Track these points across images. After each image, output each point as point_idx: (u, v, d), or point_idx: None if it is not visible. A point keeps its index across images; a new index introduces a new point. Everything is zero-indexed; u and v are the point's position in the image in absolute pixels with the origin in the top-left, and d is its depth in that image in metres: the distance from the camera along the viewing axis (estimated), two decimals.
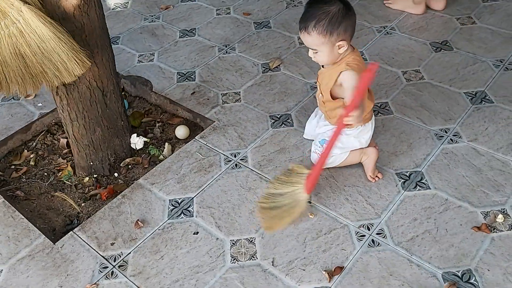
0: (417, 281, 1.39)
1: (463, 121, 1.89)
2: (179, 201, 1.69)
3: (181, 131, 2.02)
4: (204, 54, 2.40)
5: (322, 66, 1.61)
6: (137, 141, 1.97)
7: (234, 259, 1.49)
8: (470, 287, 1.37)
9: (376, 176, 1.69)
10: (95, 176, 1.87)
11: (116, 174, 1.89)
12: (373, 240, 1.51)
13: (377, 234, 1.53)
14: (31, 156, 1.98)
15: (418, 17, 2.51)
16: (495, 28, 2.38)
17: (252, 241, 1.54)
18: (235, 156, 1.84)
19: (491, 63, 2.16)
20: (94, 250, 1.54)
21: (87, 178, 1.86)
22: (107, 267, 1.50)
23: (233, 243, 1.54)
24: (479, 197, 1.61)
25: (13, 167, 1.94)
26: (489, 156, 1.74)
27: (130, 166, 1.94)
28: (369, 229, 1.54)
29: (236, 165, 1.80)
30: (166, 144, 1.99)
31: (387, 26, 2.47)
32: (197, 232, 1.58)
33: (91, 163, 1.86)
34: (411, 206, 1.60)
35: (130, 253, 1.53)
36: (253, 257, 1.49)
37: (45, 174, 1.90)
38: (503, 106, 1.94)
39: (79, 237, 1.59)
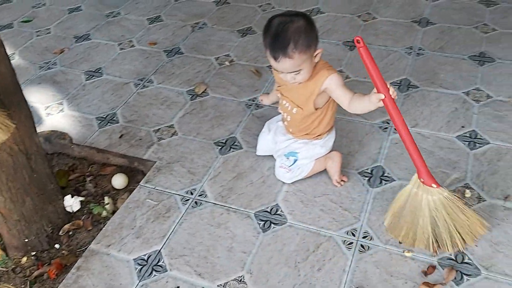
0: (417, 274, 1.38)
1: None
2: (146, 258, 1.49)
3: (118, 180, 1.81)
4: (120, 93, 2.20)
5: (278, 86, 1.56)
6: (72, 203, 1.72)
7: None
8: (466, 266, 1.38)
9: (342, 180, 1.66)
10: (33, 253, 1.59)
11: (57, 246, 1.63)
12: (362, 245, 1.47)
13: (363, 238, 1.49)
14: None
15: (324, 20, 2.58)
16: (395, 19, 2.53)
17: (241, 280, 1.41)
18: (191, 194, 1.69)
19: (403, 52, 2.29)
20: None
21: (25, 258, 1.57)
22: None
23: None
24: (440, 177, 1.65)
25: None
26: (434, 138, 1.81)
27: (71, 233, 1.68)
28: (354, 235, 1.50)
29: (196, 202, 1.65)
30: (106, 198, 1.77)
31: None
32: (178, 287, 1.40)
33: (26, 240, 1.57)
34: (385, 202, 1.59)
35: None
36: None
37: None
38: (428, 88, 2.05)
39: None
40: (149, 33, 2.62)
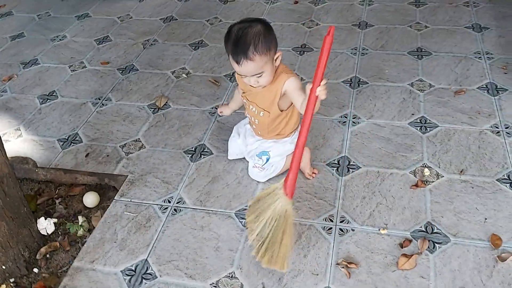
0: (395, 248, 1.48)
1: (354, 105, 2.09)
2: (133, 268, 1.49)
3: (90, 199, 1.79)
4: (79, 113, 2.18)
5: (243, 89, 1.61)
6: (46, 225, 1.69)
7: None
8: (437, 235, 1.51)
9: (313, 173, 1.75)
10: (12, 280, 1.53)
11: (36, 270, 1.58)
12: (341, 229, 1.56)
13: (341, 222, 1.58)
14: None
15: None
16: (336, 24, 2.69)
17: (232, 276, 1.45)
18: (169, 202, 1.71)
19: (349, 52, 2.45)
20: None
21: (4, 286, 1.51)
22: None
23: (214, 286, 1.42)
24: (401, 160, 1.79)
25: None
26: (389, 126, 1.96)
27: (48, 255, 1.64)
28: (332, 221, 1.59)
29: (175, 210, 1.67)
30: (80, 217, 1.74)
31: None
32: None
33: (3, 267, 1.52)
34: (355, 187, 1.70)
35: None
36: None
37: None
38: (376, 83, 2.21)
39: None
40: (99, 53, 2.62)
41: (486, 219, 1.55)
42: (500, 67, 2.22)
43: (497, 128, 1.89)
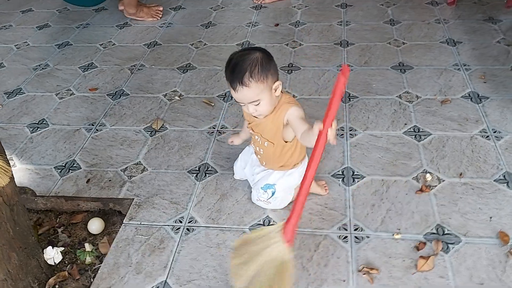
0: (411, 251, 1.53)
1: (349, 118, 2.15)
2: None
3: (95, 225, 1.75)
4: (73, 140, 2.14)
5: (254, 118, 1.58)
6: (53, 255, 1.63)
7: None
8: (449, 236, 1.57)
9: (323, 185, 1.77)
10: None
11: None
12: (356, 237, 1.59)
13: (355, 230, 1.61)
14: None
15: None
16: (319, 43, 2.78)
17: None
18: (180, 222, 1.69)
19: (335, 70, 2.53)
20: None
21: None
22: None
23: None
24: (402, 168, 1.86)
25: None
26: (385, 136, 2.03)
27: (57, 286, 1.58)
28: (346, 229, 1.62)
29: (188, 229, 1.66)
30: (86, 244, 1.69)
31: None
32: None
33: None
34: (362, 196, 1.74)
35: None
36: None
37: None
38: (366, 97, 2.28)
39: None
40: (86, 80, 2.59)
41: (491, 217, 1.62)
42: (478, 77, 2.36)
43: (486, 133, 2.00)
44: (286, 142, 1.59)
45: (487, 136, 1.97)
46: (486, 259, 1.49)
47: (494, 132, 1.99)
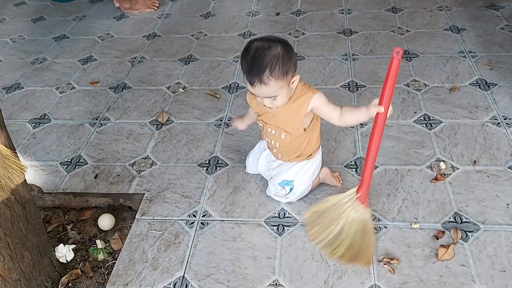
0: (430, 241, 1.51)
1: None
2: (172, 286, 1.43)
3: (106, 221, 1.71)
4: (77, 135, 2.09)
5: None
6: (65, 252, 1.60)
7: None
8: (467, 224, 1.56)
9: (337, 177, 1.75)
10: None
11: None
12: (374, 227, 1.57)
13: (372, 220, 1.59)
14: None
15: None
16: (322, 32, 2.75)
17: (277, 283, 1.42)
18: (194, 216, 1.66)
19: (340, 58, 2.50)
20: None
21: None
22: None
23: None
24: (415, 157, 1.84)
25: None
26: (396, 125, 2.01)
27: (70, 284, 1.55)
28: None
29: (202, 223, 1.63)
30: (98, 241, 1.66)
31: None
32: None
33: None
34: (377, 186, 1.73)
35: None
36: None
37: None
38: (374, 86, 2.27)
39: None
40: (86, 74, 2.53)
41: (508, 204, 1.61)
42: (484, 64, 2.35)
43: (497, 120, 1.99)
44: (304, 130, 1.54)
45: (498, 123, 1.96)
46: (506, 246, 1.48)
47: (505, 119, 1.99)
